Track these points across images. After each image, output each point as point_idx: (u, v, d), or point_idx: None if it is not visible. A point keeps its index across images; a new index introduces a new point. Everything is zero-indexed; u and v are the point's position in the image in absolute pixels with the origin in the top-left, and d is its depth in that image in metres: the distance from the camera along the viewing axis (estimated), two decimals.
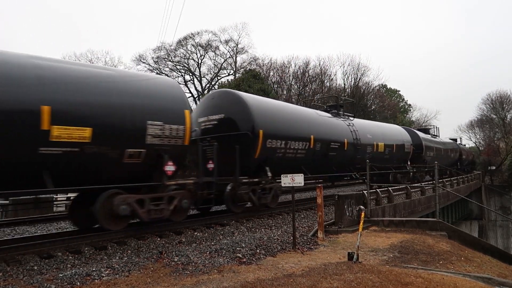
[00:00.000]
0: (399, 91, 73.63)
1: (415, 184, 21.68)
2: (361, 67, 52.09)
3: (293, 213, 9.37)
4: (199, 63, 48.05)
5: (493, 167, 58.04)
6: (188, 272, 6.39)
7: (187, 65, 47.82)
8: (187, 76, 48.35)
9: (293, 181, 8.90)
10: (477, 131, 66.19)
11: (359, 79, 52.25)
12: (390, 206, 14.20)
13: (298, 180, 8.87)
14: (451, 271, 6.96)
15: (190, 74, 48.32)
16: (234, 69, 48.60)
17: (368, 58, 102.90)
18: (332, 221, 11.22)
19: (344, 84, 52.33)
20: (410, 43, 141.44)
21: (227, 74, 49.07)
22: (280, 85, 49.87)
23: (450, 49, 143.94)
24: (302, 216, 13.39)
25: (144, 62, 46.30)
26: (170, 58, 47.07)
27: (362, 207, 9.71)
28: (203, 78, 48.28)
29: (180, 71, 48.28)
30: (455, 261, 7.99)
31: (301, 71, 49.66)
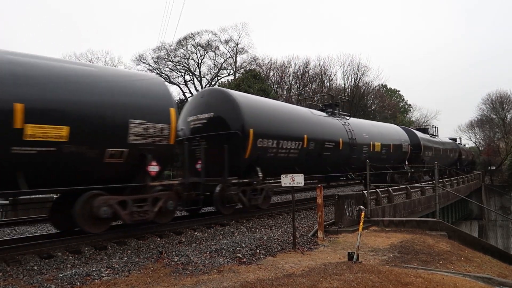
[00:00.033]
0: (399, 91, 73.82)
1: (415, 184, 21.64)
2: (361, 67, 52.17)
3: (293, 213, 9.38)
4: (199, 63, 48.03)
5: (493, 167, 58.06)
6: (188, 272, 6.40)
7: (187, 65, 47.79)
8: (187, 76, 48.33)
9: (293, 181, 8.90)
10: (477, 131, 66.26)
11: (359, 79, 52.31)
12: (390, 206, 14.20)
13: (298, 180, 8.88)
14: (451, 271, 6.96)
15: (190, 74, 48.29)
16: (234, 69, 48.58)
17: (368, 58, 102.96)
18: (332, 221, 11.22)
19: (344, 84, 52.43)
20: (410, 43, 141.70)
21: (227, 74, 49.08)
22: (280, 85, 49.95)
23: (450, 49, 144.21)
24: (302, 216, 13.41)
25: (144, 62, 46.26)
26: (170, 58, 47.01)
27: (362, 207, 9.70)
28: (203, 78, 48.24)
29: (180, 71, 48.25)
30: (455, 261, 7.99)
31: (301, 71, 49.78)
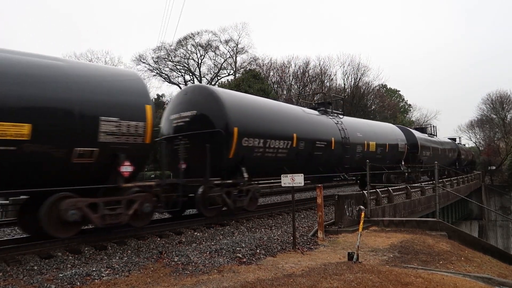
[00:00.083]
0: (399, 91, 73.87)
1: (415, 184, 21.58)
2: (361, 67, 52.28)
3: (293, 213, 9.38)
4: (199, 63, 48.07)
5: (493, 167, 58.10)
6: (188, 272, 6.40)
7: (187, 65, 47.83)
8: (187, 76, 48.40)
9: (293, 181, 8.90)
10: (477, 131, 66.35)
11: (359, 79, 52.42)
12: (390, 206, 14.19)
13: (298, 180, 8.87)
14: (451, 271, 6.96)
15: (190, 74, 48.34)
16: (234, 69, 48.60)
17: (368, 58, 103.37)
18: (332, 221, 11.22)
19: (344, 84, 52.50)
20: (410, 43, 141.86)
21: (227, 74, 49.12)
22: (280, 85, 49.96)
23: (450, 49, 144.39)
24: (302, 216, 13.41)
25: (144, 62, 46.31)
26: (170, 58, 47.05)
27: (362, 207, 9.71)
28: (203, 78, 48.25)
29: (180, 71, 48.31)
30: (455, 261, 7.99)
31: (301, 71, 49.83)
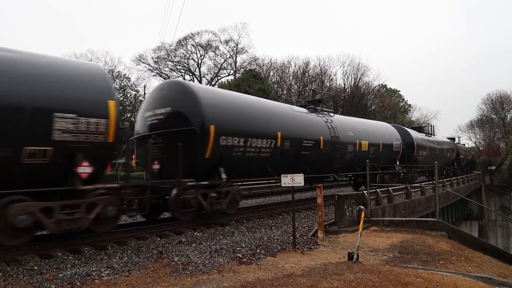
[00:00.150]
0: (399, 91, 74.03)
1: (415, 184, 21.55)
2: (361, 67, 52.39)
3: (293, 213, 9.38)
4: (199, 63, 48.14)
5: (493, 167, 58.11)
6: (188, 272, 6.39)
7: (187, 65, 47.89)
8: (187, 76, 48.47)
9: (293, 181, 8.90)
10: (477, 131, 66.35)
11: (359, 79, 52.50)
12: (390, 206, 14.19)
13: (298, 180, 8.86)
14: (451, 271, 6.96)
15: (190, 74, 48.39)
16: (234, 69, 48.65)
17: (368, 58, 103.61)
18: (332, 221, 11.22)
19: (344, 84, 52.55)
20: (410, 43, 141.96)
21: (227, 74, 49.19)
22: (280, 85, 50.00)
23: (450, 49, 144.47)
24: (302, 216, 13.41)
25: (144, 62, 46.41)
26: (170, 58, 47.15)
27: (362, 207, 9.70)
28: (203, 78, 48.31)
29: (180, 71, 48.38)
30: (455, 261, 7.99)
31: (301, 71, 49.91)
